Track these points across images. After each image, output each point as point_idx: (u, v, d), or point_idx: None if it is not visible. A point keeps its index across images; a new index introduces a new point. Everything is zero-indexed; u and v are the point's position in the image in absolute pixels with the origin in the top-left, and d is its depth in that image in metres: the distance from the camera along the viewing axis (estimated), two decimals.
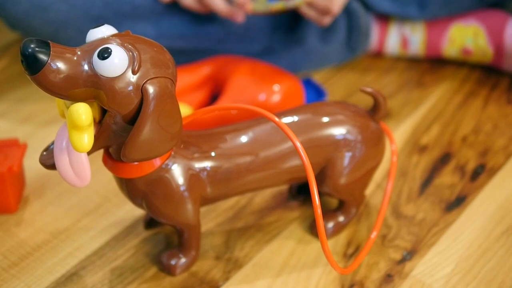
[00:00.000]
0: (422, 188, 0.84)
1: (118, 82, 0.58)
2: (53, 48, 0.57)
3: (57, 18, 0.93)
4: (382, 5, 1.06)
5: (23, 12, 0.93)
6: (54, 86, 0.57)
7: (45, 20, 0.93)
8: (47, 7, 0.93)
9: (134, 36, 0.61)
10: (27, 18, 0.93)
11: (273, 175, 0.71)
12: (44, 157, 0.64)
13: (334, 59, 1.07)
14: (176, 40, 0.99)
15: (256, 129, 0.71)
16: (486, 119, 0.96)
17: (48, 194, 0.83)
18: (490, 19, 1.04)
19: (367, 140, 0.72)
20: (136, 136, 0.59)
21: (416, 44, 1.08)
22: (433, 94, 1.02)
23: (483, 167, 0.87)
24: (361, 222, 0.79)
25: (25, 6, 0.92)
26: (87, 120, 0.58)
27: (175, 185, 0.67)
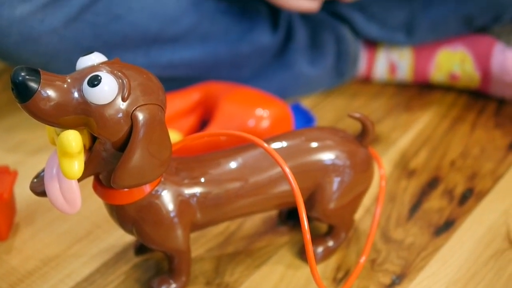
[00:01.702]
0: (411, 212, 0.85)
1: (108, 109, 0.59)
2: (43, 76, 0.58)
3: (48, 49, 0.94)
4: (370, 31, 1.07)
5: (13, 43, 0.93)
6: (44, 114, 0.58)
7: (36, 52, 0.94)
8: (38, 39, 0.93)
9: (123, 64, 0.62)
10: (17, 50, 0.94)
11: (262, 201, 0.72)
12: (34, 184, 0.65)
13: (322, 84, 1.08)
14: (166, 69, 1.00)
15: (245, 154, 0.71)
16: (473, 143, 0.97)
17: (39, 221, 0.83)
18: (476, 45, 1.06)
19: (355, 165, 0.73)
20: (126, 163, 0.60)
21: (404, 70, 1.09)
22: (421, 118, 1.03)
23: (471, 191, 0.88)
24: (351, 247, 0.79)
25: (15, 38, 0.93)
26: (77, 147, 0.58)
27: (165, 211, 0.67)
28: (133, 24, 0.97)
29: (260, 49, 1.04)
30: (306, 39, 1.06)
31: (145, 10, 0.98)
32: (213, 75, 1.02)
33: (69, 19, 0.94)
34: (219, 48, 1.02)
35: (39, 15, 0.93)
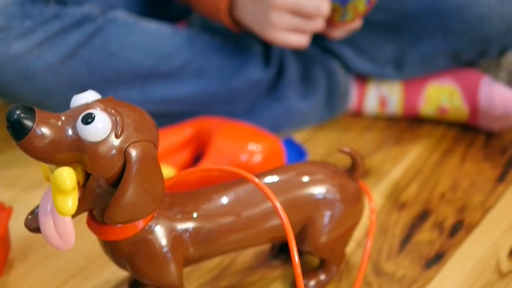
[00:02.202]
0: (402, 245, 0.85)
1: (102, 146, 0.60)
2: (38, 114, 0.59)
3: (43, 86, 0.95)
4: (360, 66, 1.09)
5: (9, 81, 0.94)
6: (39, 151, 0.59)
7: (31, 89, 0.95)
8: (33, 76, 0.94)
9: (117, 102, 0.63)
10: (13, 87, 0.95)
11: (254, 235, 0.72)
12: (29, 220, 0.65)
13: (314, 118, 1.09)
14: (159, 104, 1.01)
15: (237, 189, 0.72)
16: (463, 176, 0.98)
17: (33, 257, 0.84)
18: (464, 79, 1.07)
19: (346, 199, 0.74)
20: (119, 199, 0.61)
21: (394, 104, 1.10)
22: (412, 151, 1.04)
23: (461, 224, 0.89)
24: (342, 280, 0.80)
25: (11, 75, 0.94)
26: (71, 184, 0.59)
27: (158, 247, 0.68)
28: (127, 61, 0.98)
29: (253, 84, 1.05)
30: (297, 74, 1.08)
31: (139, 47, 0.99)
32: (206, 110, 1.04)
33: (65, 56, 0.95)
34: (212, 84, 1.03)
35: (35, 52, 0.94)
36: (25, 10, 0.94)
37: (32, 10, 0.94)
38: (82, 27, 0.96)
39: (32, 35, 0.94)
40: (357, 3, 0.92)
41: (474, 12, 0.99)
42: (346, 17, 0.94)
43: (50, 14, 0.95)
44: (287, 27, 0.93)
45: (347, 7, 0.92)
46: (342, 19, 0.94)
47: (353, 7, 0.92)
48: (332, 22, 0.96)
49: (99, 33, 0.97)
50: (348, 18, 0.94)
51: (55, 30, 0.95)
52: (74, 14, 0.96)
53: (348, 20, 0.94)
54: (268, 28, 0.94)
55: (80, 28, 0.96)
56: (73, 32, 0.96)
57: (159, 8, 1.12)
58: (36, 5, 0.95)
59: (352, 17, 0.94)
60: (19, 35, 0.94)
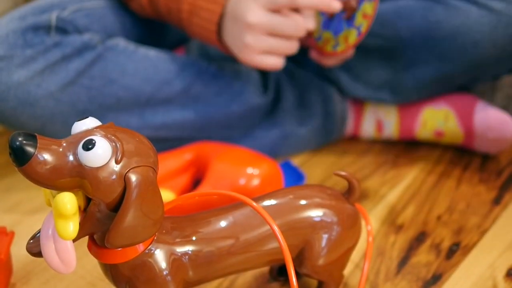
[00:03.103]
0: (399, 267, 0.86)
1: (102, 172, 0.61)
2: (40, 141, 0.60)
3: (44, 113, 0.96)
4: (356, 91, 1.10)
5: (11, 108, 0.96)
6: (40, 177, 0.60)
7: (33, 116, 0.96)
8: (35, 103, 0.96)
9: (117, 128, 0.64)
10: (15, 114, 0.96)
11: (253, 258, 0.73)
12: (31, 245, 0.66)
13: (311, 143, 1.11)
14: (159, 130, 1.02)
15: (236, 213, 0.73)
16: (459, 198, 0.99)
17: (35, 281, 0.84)
18: (459, 103, 1.09)
19: (343, 222, 0.75)
20: (119, 223, 0.62)
21: (390, 128, 1.12)
22: (408, 174, 1.05)
23: (458, 245, 0.90)
24: None
25: (13, 102, 0.95)
26: (72, 209, 0.60)
27: (158, 270, 0.68)
28: (127, 87, 1.00)
29: (250, 110, 1.07)
30: (294, 99, 1.09)
31: (138, 74, 1.01)
32: (205, 135, 1.05)
33: (65, 84, 0.96)
34: (210, 109, 1.05)
35: (37, 80, 0.95)
36: (27, 39, 0.96)
37: (33, 39, 0.96)
38: (82, 55, 0.97)
39: (33, 63, 0.95)
40: (348, 34, 0.94)
41: (468, 38, 1.00)
42: (337, 48, 0.96)
43: (51, 42, 0.96)
44: (262, 49, 0.94)
45: (339, 38, 0.94)
46: (334, 49, 0.96)
47: (344, 38, 0.94)
48: (324, 52, 0.98)
49: (99, 61, 0.98)
50: (339, 49, 0.96)
51: (56, 58, 0.96)
52: (75, 42, 0.97)
53: (339, 51, 0.96)
54: (244, 50, 0.95)
55: (81, 56, 0.97)
56: (74, 60, 0.97)
57: (157, 35, 1.13)
58: (38, 34, 0.96)
59: (343, 48, 0.95)
60: (20, 63, 0.95)
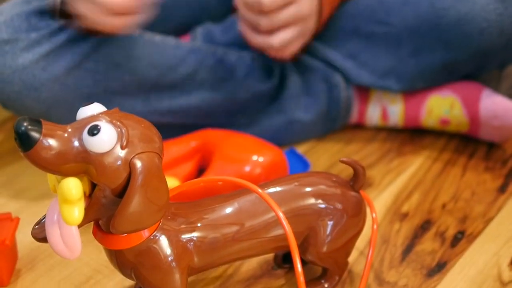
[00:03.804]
0: (403, 254, 0.86)
1: (107, 157, 0.61)
2: (45, 126, 0.60)
3: (49, 97, 0.96)
4: (361, 78, 1.10)
5: (16, 92, 0.96)
6: (45, 162, 0.60)
7: (37, 100, 0.96)
8: (40, 87, 0.96)
9: (122, 113, 0.64)
10: (20, 98, 0.96)
11: (258, 244, 0.73)
12: (36, 230, 0.67)
13: (316, 130, 1.10)
14: (164, 115, 1.02)
15: (241, 199, 0.73)
16: (465, 186, 0.99)
17: (40, 267, 0.85)
18: (465, 90, 1.08)
19: (348, 209, 0.75)
20: (124, 209, 0.62)
21: (396, 116, 1.11)
22: (413, 163, 1.05)
23: (463, 233, 0.90)
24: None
25: (18, 86, 0.95)
26: (77, 194, 0.60)
27: (163, 256, 0.69)
28: (132, 72, 1.00)
29: (255, 96, 1.07)
30: (299, 86, 1.09)
31: (143, 58, 1.01)
32: (210, 121, 1.05)
33: (70, 67, 0.96)
34: (215, 95, 1.04)
35: (41, 64, 0.95)
36: (32, 22, 0.96)
37: (38, 23, 0.96)
38: (87, 39, 0.97)
39: (38, 47, 0.95)
40: None
41: (474, 25, 1.00)
42: None
43: (56, 26, 0.96)
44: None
45: None
46: None
47: None
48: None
49: (104, 45, 0.98)
50: None
51: (61, 42, 0.96)
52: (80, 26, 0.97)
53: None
54: None
55: (86, 39, 0.97)
56: (79, 43, 0.97)
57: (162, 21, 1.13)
58: (43, 17, 0.96)
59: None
60: (25, 47, 0.95)
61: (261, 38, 0.98)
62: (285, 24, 0.96)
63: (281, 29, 0.97)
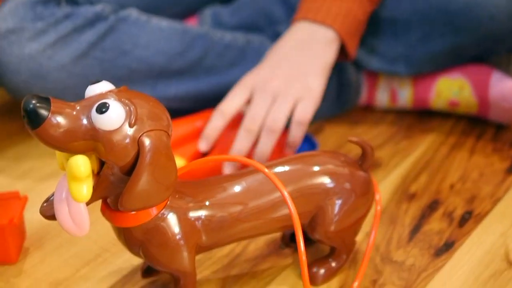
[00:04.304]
0: (411, 234, 0.86)
1: (116, 135, 0.61)
2: (53, 104, 0.60)
3: (56, 86, 0.96)
4: (371, 63, 1.10)
5: (23, 81, 0.96)
6: (54, 140, 0.60)
7: (45, 88, 0.96)
8: (47, 76, 0.96)
9: (130, 91, 0.64)
10: (27, 87, 0.96)
11: (265, 223, 0.73)
12: (44, 208, 0.67)
13: (324, 112, 1.10)
14: (172, 101, 1.02)
15: (249, 179, 0.73)
16: (472, 167, 0.99)
17: (48, 246, 0.85)
18: (474, 73, 1.08)
19: (356, 188, 0.75)
20: (133, 187, 0.62)
21: (405, 97, 1.11)
22: (421, 144, 1.05)
23: (470, 214, 0.90)
24: (352, 268, 0.81)
25: (25, 75, 0.95)
26: (86, 171, 0.60)
27: (171, 234, 0.69)
28: (139, 59, 1.00)
29: None
30: None
31: (151, 45, 1.01)
32: None
33: (77, 56, 0.96)
34: (224, 81, 1.04)
35: (48, 53, 0.95)
36: (37, 11, 0.96)
37: (43, 12, 0.96)
38: (94, 27, 0.97)
39: (44, 36, 0.95)
40: None
41: (484, 10, 1.00)
42: None
43: (62, 14, 0.96)
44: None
45: None
46: None
47: None
48: None
49: (111, 32, 0.98)
50: None
51: (67, 30, 0.96)
52: (86, 13, 0.97)
53: None
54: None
55: (92, 27, 0.97)
56: (85, 31, 0.97)
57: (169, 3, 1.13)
58: (48, 6, 0.96)
59: None
60: (31, 36, 0.95)
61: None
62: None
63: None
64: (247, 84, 0.94)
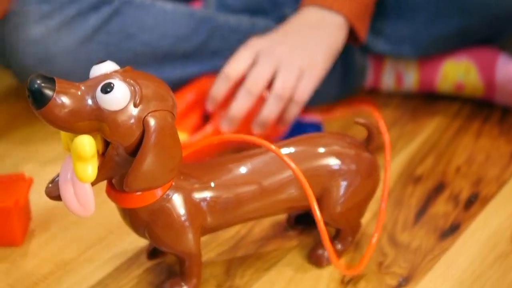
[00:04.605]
0: (417, 216, 0.86)
1: (121, 115, 0.61)
2: (58, 84, 0.60)
3: (62, 70, 0.96)
4: (377, 46, 1.09)
5: (29, 65, 0.96)
6: (59, 120, 0.60)
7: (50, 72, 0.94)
8: (52, 60, 0.96)
9: (135, 72, 0.64)
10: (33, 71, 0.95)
11: (271, 205, 0.73)
12: (49, 189, 0.67)
13: (330, 95, 1.10)
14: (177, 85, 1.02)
15: (254, 160, 0.73)
16: (479, 150, 0.99)
17: (53, 228, 0.85)
18: (481, 55, 1.07)
19: (362, 170, 0.75)
20: (138, 167, 0.62)
21: (410, 81, 1.11)
22: (427, 127, 1.05)
23: (477, 196, 0.90)
24: (358, 250, 0.81)
25: (31, 59, 0.95)
26: (91, 151, 0.60)
27: (176, 215, 0.69)
28: (144, 43, 0.99)
29: None
30: None
31: (156, 29, 1.00)
32: None
33: (83, 40, 0.96)
34: None
35: (53, 37, 0.95)
36: None
37: None
38: (99, 11, 0.97)
39: (49, 19, 0.95)
40: None
41: None
42: None
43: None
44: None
45: None
46: None
47: None
48: None
49: (116, 16, 0.98)
50: None
51: (72, 14, 0.96)
52: None
53: None
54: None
55: (97, 11, 0.97)
56: (90, 15, 0.97)
57: None
58: None
59: None
60: (37, 19, 0.95)
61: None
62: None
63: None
64: (253, 48, 0.95)
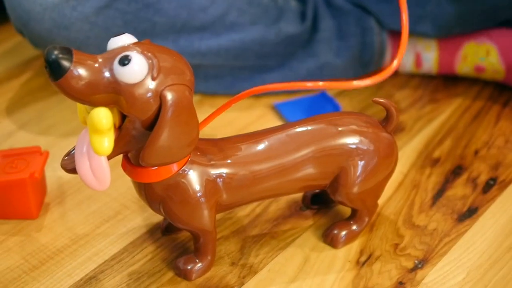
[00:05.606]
0: (434, 199, 0.85)
1: (138, 88, 0.60)
2: (76, 55, 0.59)
3: (79, 36, 0.96)
4: (397, 23, 1.08)
5: (46, 30, 0.95)
6: (76, 92, 0.60)
7: (67, 39, 0.96)
8: (69, 26, 0.95)
9: (153, 45, 0.63)
10: (49, 37, 0.96)
11: (287, 183, 0.73)
12: (65, 161, 0.66)
13: (347, 74, 1.09)
14: (193, 57, 1.01)
15: (271, 137, 0.72)
16: (498, 134, 0.98)
17: (68, 202, 0.85)
18: (502, 38, 1.06)
19: (379, 150, 0.74)
20: (154, 141, 0.61)
21: (430, 62, 1.09)
22: (446, 109, 1.03)
23: (495, 180, 0.89)
24: (374, 231, 0.80)
25: (48, 25, 0.95)
26: (108, 124, 0.60)
27: (192, 191, 0.68)
28: (162, 12, 0.99)
29: (287, 39, 1.05)
30: (332, 30, 1.07)
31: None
32: (239, 63, 1.04)
33: (100, 7, 0.96)
34: (246, 38, 1.03)
35: (72, 3, 0.95)
36: None
37: None
38: None
39: None
40: None
41: None
42: None
43: None
44: None
45: None
46: None
47: None
48: None
49: None
50: None
51: None
52: None
53: None
54: None
55: None
56: None
57: None
58: None
59: None
60: None
61: None
62: None
63: None
64: None
